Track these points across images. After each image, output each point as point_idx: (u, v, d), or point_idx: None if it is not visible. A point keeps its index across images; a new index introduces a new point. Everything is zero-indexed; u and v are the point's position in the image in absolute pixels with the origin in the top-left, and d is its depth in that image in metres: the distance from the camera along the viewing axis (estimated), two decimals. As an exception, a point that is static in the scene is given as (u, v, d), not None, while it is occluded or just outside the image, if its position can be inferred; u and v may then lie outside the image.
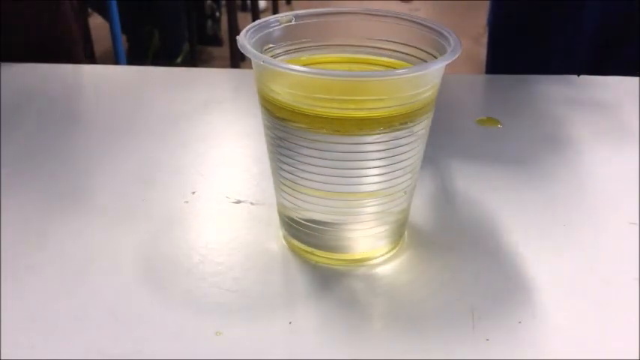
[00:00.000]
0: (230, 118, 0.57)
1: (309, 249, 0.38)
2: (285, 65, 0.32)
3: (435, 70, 0.33)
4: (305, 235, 0.37)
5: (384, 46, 0.38)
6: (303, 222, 0.37)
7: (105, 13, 2.00)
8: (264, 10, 2.84)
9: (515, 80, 0.64)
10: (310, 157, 0.34)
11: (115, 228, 0.41)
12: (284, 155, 0.35)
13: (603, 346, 0.32)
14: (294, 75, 0.32)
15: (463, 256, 0.39)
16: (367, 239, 0.37)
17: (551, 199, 0.45)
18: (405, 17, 0.37)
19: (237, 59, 2.09)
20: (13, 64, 0.64)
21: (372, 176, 0.34)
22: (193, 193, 0.45)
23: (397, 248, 0.39)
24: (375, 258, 0.38)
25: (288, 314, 0.34)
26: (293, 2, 3.20)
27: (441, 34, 0.35)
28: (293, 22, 0.37)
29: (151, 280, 0.37)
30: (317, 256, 0.38)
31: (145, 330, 0.33)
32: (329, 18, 0.38)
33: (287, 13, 0.38)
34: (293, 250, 0.39)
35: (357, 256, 0.38)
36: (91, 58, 2.13)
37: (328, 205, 0.35)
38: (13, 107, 0.56)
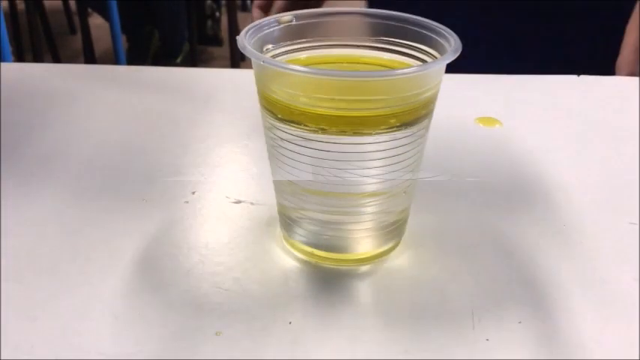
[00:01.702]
0: (230, 118, 0.57)
1: (309, 249, 0.38)
2: (285, 65, 0.32)
3: (435, 70, 0.33)
4: (305, 235, 0.37)
5: (384, 46, 0.38)
6: (302, 222, 0.37)
7: (105, 13, 2.00)
8: (264, 10, 2.83)
9: (515, 80, 0.64)
10: (309, 157, 0.34)
11: (114, 228, 0.41)
12: (284, 155, 0.35)
13: (603, 346, 0.33)
14: (294, 75, 0.32)
15: (463, 256, 0.39)
16: (367, 239, 0.37)
17: (551, 198, 0.45)
18: (404, 17, 0.37)
19: (237, 59, 2.09)
20: (13, 64, 0.64)
21: (372, 176, 0.34)
22: (193, 193, 0.45)
23: (397, 248, 0.39)
24: (375, 258, 0.38)
25: (288, 314, 0.34)
26: (293, 2, 3.20)
27: (441, 33, 0.35)
28: (293, 22, 0.37)
29: (151, 280, 0.37)
30: (317, 256, 0.38)
31: (145, 330, 0.33)
32: (329, 18, 0.38)
33: (287, 13, 0.38)
34: (293, 250, 0.39)
35: (358, 256, 0.38)
36: (91, 58, 2.14)
37: (328, 205, 0.35)
38: (13, 107, 0.56)
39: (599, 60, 0.66)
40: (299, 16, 0.38)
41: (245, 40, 0.34)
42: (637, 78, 0.62)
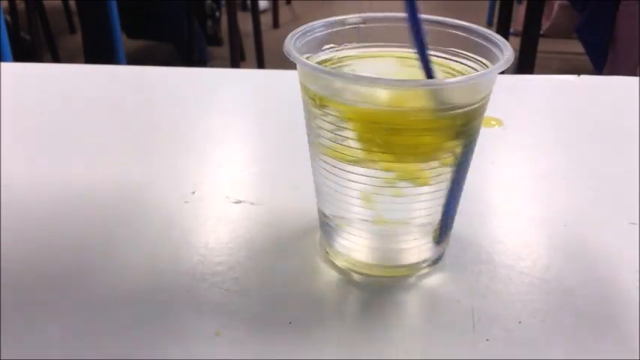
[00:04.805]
0: (230, 118, 0.57)
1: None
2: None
3: (488, 79, 0.33)
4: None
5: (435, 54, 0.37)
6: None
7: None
8: (265, 10, 2.83)
9: (515, 80, 0.64)
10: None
11: (114, 228, 0.41)
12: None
13: (603, 346, 0.33)
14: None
15: (463, 256, 0.39)
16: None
17: (552, 198, 0.45)
18: (473, 29, 0.36)
19: (237, 59, 2.09)
20: (13, 64, 0.64)
21: None
22: (193, 193, 0.45)
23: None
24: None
25: (288, 314, 0.34)
26: (293, 2, 3.20)
27: (495, 42, 0.34)
28: (362, 25, 0.37)
29: (151, 280, 0.36)
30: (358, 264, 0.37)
31: (145, 330, 0.33)
32: (396, 23, 0.37)
33: (356, 15, 0.37)
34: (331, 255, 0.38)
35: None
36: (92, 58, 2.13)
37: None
38: (13, 107, 0.56)
39: None
40: (368, 19, 0.37)
41: (292, 44, 0.33)
42: (637, 78, 0.62)
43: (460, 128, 0.33)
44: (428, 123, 0.32)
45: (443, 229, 0.36)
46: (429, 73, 0.33)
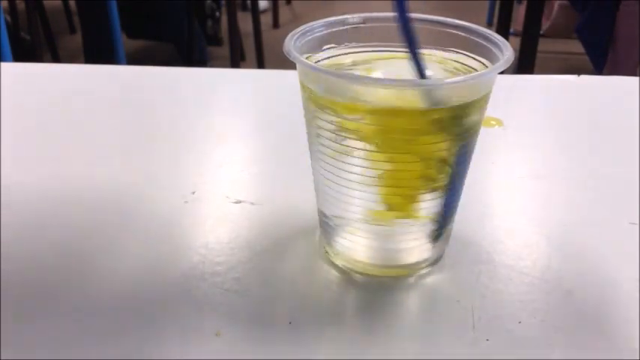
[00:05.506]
0: (230, 118, 0.57)
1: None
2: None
3: (488, 79, 0.33)
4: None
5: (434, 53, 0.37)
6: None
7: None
8: (265, 10, 2.83)
9: (515, 80, 0.64)
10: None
11: (114, 228, 0.41)
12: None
13: (603, 346, 0.32)
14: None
15: (463, 256, 0.39)
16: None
17: (552, 199, 0.45)
18: (473, 29, 0.36)
19: (237, 59, 2.09)
20: (13, 64, 0.64)
21: None
22: (193, 193, 0.45)
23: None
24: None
25: (288, 314, 0.34)
26: (293, 2, 3.20)
27: (495, 42, 0.34)
28: (362, 25, 0.37)
29: (151, 280, 0.36)
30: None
31: (145, 330, 0.33)
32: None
33: (356, 15, 0.37)
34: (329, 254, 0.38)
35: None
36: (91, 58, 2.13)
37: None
38: (13, 107, 0.56)
39: None
40: (369, 19, 0.37)
41: (292, 43, 0.33)
42: (637, 78, 0.62)
43: (460, 128, 0.33)
44: (428, 123, 0.32)
45: (442, 229, 0.36)
46: (421, 72, 0.32)
